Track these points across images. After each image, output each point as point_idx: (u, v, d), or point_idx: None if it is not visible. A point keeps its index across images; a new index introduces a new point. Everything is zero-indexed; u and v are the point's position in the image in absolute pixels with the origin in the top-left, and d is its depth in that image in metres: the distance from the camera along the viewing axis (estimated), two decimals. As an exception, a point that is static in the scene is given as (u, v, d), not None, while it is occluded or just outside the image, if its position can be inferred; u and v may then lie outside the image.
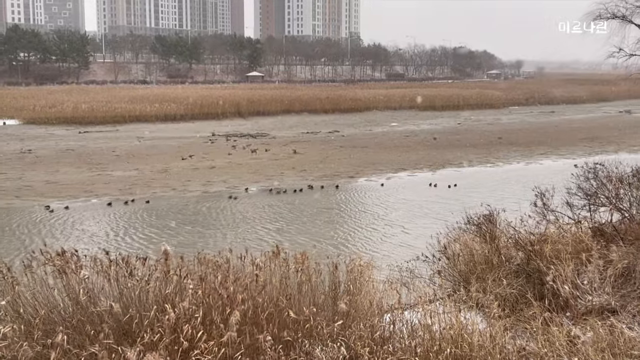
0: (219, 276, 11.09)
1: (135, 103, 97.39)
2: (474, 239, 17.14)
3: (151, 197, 38.91)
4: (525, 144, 67.34)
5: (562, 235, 16.21)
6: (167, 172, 48.66)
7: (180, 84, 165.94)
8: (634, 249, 14.68)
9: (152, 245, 27.60)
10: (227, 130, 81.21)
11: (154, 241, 28.79)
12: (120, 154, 59.32)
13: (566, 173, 20.63)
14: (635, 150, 58.39)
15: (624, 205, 17.95)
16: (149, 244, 28.46)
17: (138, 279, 10.93)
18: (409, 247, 25.26)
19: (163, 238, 28.95)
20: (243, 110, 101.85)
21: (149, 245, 28.15)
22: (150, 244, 28.27)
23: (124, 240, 29.75)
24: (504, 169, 52.12)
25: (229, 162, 54.19)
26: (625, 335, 10.13)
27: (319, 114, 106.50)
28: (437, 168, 51.53)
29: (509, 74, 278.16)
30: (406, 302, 12.32)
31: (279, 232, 31.23)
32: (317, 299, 11.54)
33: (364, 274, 12.71)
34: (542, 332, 10.57)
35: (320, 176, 47.00)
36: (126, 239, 29.85)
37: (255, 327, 10.14)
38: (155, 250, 14.35)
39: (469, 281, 14.69)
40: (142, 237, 30.29)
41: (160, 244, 12.03)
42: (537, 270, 14.48)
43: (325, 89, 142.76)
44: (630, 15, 19.72)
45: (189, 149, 62.49)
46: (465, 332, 10.16)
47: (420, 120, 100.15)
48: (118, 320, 10.19)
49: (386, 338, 10.42)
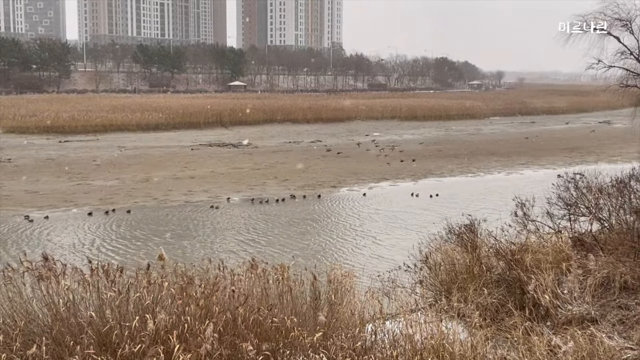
0: (199, 287, 11.02)
1: (116, 112, 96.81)
2: (455, 249, 17.21)
3: (132, 207, 38.66)
4: (506, 154, 67.75)
5: (542, 245, 16.32)
6: (148, 182, 48.38)
7: (162, 93, 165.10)
8: (614, 258, 14.80)
9: (132, 256, 27.40)
10: (209, 140, 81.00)
11: (135, 251, 28.59)
12: (101, 163, 58.92)
13: (547, 183, 20.79)
14: (614, 160, 58.93)
15: (604, 215, 18.12)
16: (130, 254, 28.24)
17: (118, 289, 10.83)
18: (392, 257, 25.28)
19: (144, 248, 28.76)
20: (225, 119, 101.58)
21: (129, 255, 27.93)
22: (131, 254, 28.05)
23: (104, 250, 29.47)
24: (485, 178, 52.40)
25: (211, 172, 54.00)
26: (605, 345, 10.19)
27: (302, 123, 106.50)
28: (418, 178, 51.67)
29: (490, 84, 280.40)
30: (388, 311, 12.33)
31: (260, 243, 31.13)
32: (299, 309, 11.50)
33: (345, 284, 12.70)
34: (523, 342, 10.61)
35: (302, 186, 46.96)
36: (106, 249, 29.58)
37: (236, 338, 10.08)
38: (136, 261, 14.25)
39: (451, 291, 14.74)
40: (122, 247, 30.03)
41: (140, 254, 11.97)
42: (517, 279, 14.56)
43: (307, 99, 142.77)
44: (609, 28, 19.93)
45: (171, 158, 62.23)
46: (447, 342, 10.17)
47: (402, 130, 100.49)
48: (98, 330, 10.09)
49: (368, 348, 10.40)
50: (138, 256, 26.53)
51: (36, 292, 11.07)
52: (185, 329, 9.89)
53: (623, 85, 20.48)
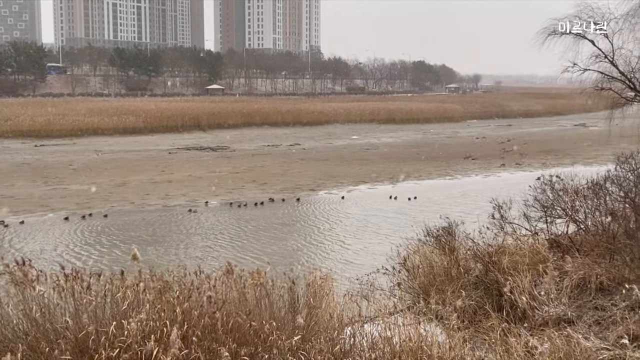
0: (176, 291, 10.95)
1: (93, 116, 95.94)
2: (433, 251, 17.27)
3: (109, 211, 38.35)
4: (484, 156, 68.21)
5: (519, 247, 16.44)
6: (125, 186, 48.04)
7: (139, 97, 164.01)
8: (590, 260, 14.94)
9: (109, 261, 27.17)
10: (187, 144, 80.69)
11: (112, 256, 28.35)
12: (77, 167, 58.40)
13: (524, 185, 20.94)
14: (590, 162, 59.57)
15: (580, 217, 18.29)
16: (107, 259, 27.99)
17: (94, 294, 10.72)
18: (372, 260, 25.31)
19: (121, 253, 28.52)
20: (203, 123, 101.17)
21: (106, 260, 27.68)
22: (108, 259, 27.81)
23: (81, 255, 29.20)
24: (463, 181, 52.72)
25: (189, 176, 53.75)
26: (581, 346, 10.28)
27: (280, 126, 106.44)
28: (397, 181, 51.85)
29: (467, 87, 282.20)
30: (366, 314, 12.33)
31: (238, 247, 31.03)
32: (277, 313, 11.46)
33: (324, 287, 12.68)
34: (500, 343, 10.67)
35: (281, 189, 46.91)
36: (83, 254, 29.31)
37: (213, 343, 10.02)
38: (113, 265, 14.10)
39: (429, 293, 14.79)
40: (99, 252, 29.77)
41: (117, 259, 11.87)
42: (495, 281, 14.65)
43: (286, 102, 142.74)
44: (584, 32, 20.15)
45: (148, 162, 61.86)
46: (425, 344, 10.19)
47: (381, 133, 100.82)
48: (74, 336, 9.98)
49: (346, 351, 10.39)
50: (115, 261, 26.31)
51: (10, 298, 10.93)
52: (163, 333, 9.82)
53: (598, 88, 20.70)
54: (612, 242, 15.65)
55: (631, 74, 19.56)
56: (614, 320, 11.78)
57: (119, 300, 10.62)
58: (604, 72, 20.24)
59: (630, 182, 18.91)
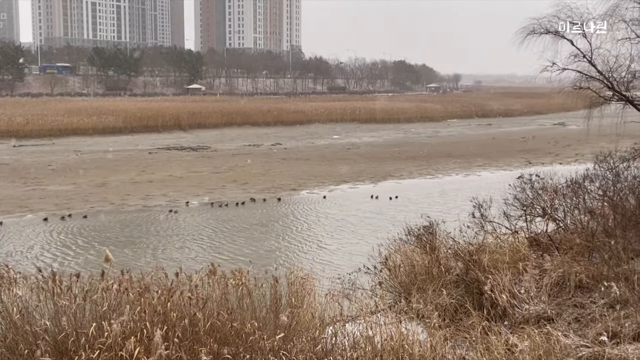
0: (157, 292, 10.88)
1: (72, 116, 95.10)
2: (414, 250, 17.31)
3: (89, 212, 38.06)
4: (464, 156, 68.55)
5: (499, 245, 16.53)
6: (105, 186, 47.70)
7: (119, 97, 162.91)
8: (569, 258, 15.06)
9: (88, 262, 26.95)
10: (167, 143, 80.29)
11: (90, 257, 28.13)
12: (56, 168, 57.88)
13: (504, 184, 21.09)
14: (569, 161, 60.04)
15: (559, 216, 18.44)
16: (85, 260, 27.78)
17: (73, 295, 10.63)
18: (352, 259, 25.33)
19: (99, 255, 28.27)
20: (184, 122, 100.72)
21: (86, 261, 27.47)
22: (87, 260, 27.59)
23: (60, 256, 28.95)
24: (444, 180, 52.95)
25: (170, 176, 53.48)
26: (561, 343, 10.36)
27: (261, 126, 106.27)
28: (378, 180, 51.97)
29: (447, 87, 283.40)
30: (348, 314, 12.34)
31: (219, 247, 30.94)
32: (259, 313, 11.43)
33: (305, 287, 12.68)
34: (481, 341, 10.71)
35: (262, 189, 46.82)
36: (62, 256, 29.06)
37: (195, 343, 9.97)
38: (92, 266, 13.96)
39: (410, 292, 14.83)
40: (77, 253, 29.52)
41: (96, 260, 11.78)
42: (475, 280, 14.71)
43: (267, 102, 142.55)
44: (563, 31, 20.28)
45: (128, 162, 61.47)
46: (407, 343, 10.21)
47: (362, 132, 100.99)
48: (54, 338, 9.90)
49: (328, 351, 10.38)
50: (93, 262, 26.09)
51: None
52: (143, 334, 9.76)
53: (577, 88, 20.83)
54: (591, 240, 15.80)
55: (609, 74, 19.72)
56: (592, 317, 11.89)
57: (98, 301, 10.54)
58: (582, 71, 20.37)
59: (609, 181, 19.12)
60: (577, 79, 20.77)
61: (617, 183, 18.95)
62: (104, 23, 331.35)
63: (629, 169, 19.74)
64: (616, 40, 19.81)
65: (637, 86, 21.11)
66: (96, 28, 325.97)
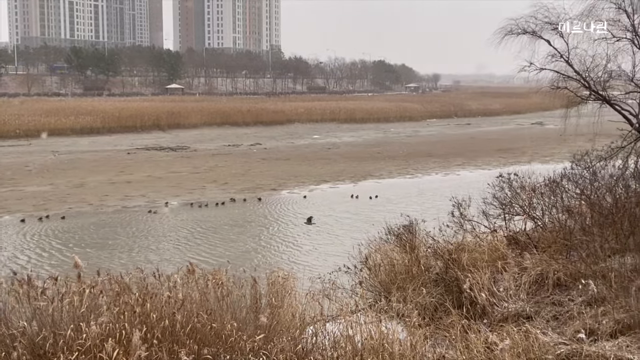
0: (135, 293, 10.81)
1: (49, 116, 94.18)
2: (394, 249, 17.37)
3: (67, 213, 37.71)
4: (443, 155, 68.88)
5: (478, 244, 16.61)
6: (83, 187, 47.31)
7: (97, 97, 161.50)
8: (547, 256, 15.16)
9: (65, 264, 26.67)
10: (146, 144, 79.84)
11: (68, 259, 27.82)
12: (33, 168, 57.29)
13: (482, 183, 21.20)
14: (547, 160, 60.54)
15: (537, 214, 18.57)
16: (64, 262, 27.49)
17: (50, 297, 10.52)
18: (332, 259, 25.33)
19: (79, 255, 28.01)
20: (163, 123, 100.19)
21: (63, 263, 27.20)
22: (65, 262, 27.31)
23: (38, 258, 28.67)
24: (423, 179, 53.17)
25: (149, 176, 53.17)
26: (539, 340, 10.43)
27: (241, 126, 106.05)
28: (358, 180, 52.05)
29: (426, 87, 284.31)
30: (328, 313, 12.34)
31: (199, 247, 30.82)
32: (239, 314, 11.40)
33: (285, 287, 12.66)
34: (460, 340, 10.76)
35: (242, 189, 46.70)
36: (40, 257, 28.78)
37: (174, 344, 9.92)
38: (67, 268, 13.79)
39: (390, 291, 14.86)
40: (56, 254, 29.25)
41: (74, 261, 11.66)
42: (455, 278, 14.78)
43: (246, 102, 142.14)
44: (540, 31, 20.44)
45: (106, 162, 61.02)
46: (387, 342, 10.23)
47: (342, 132, 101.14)
48: (32, 340, 9.81)
49: (309, 350, 10.39)
50: (71, 264, 25.83)
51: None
52: (122, 336, 9.69)
53: (554, 87, 20.99)
54: (569, 239, 15.92)
55: (586, 73, 19.91)
56: (571, 315, 11.98)
57: (76, 303, 10.45)
58: (559, 71, 20.56)
59: (586, 180, 19.27)
60: (554, 79, 20.95)
61: (594, 182, 19.11)
62: (82, 22, 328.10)
63: (605, 168, 19.92)
64: (593, 40, 20.02)
65: (614, 85, 21.33)
66: (74, 27, 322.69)
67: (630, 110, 19.49)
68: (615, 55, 19.99)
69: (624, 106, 19.66)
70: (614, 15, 19.33)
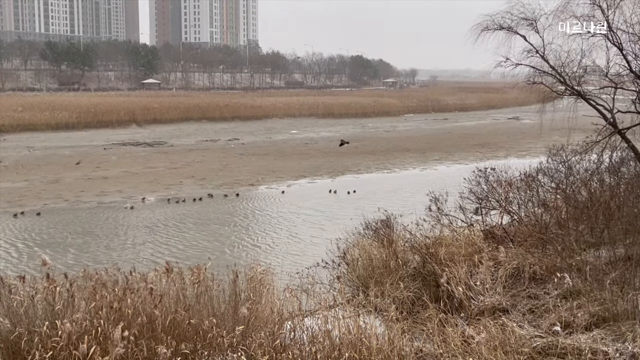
0: (111, 290, 10.75)
1: (24, 111, 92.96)
2: (372, 244, 17.44)
3: (42, 209, 37.32)
4: (421, 150, 69.15)
5: (455, 238, 16.74)
6: (59, 183, 46.83)
7: (72, 92, 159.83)
8: (523, 250, 15.32)
9: (39, 259, 26.39)
10: (122, 139, 79.19)
11: (46, 255, 27.55)
12: (8, 164, 56.56)
13: (459, 178, 21.34)
14: (523, 155, 60.99)
15: (513, 208, 18.75)
16: (38, 258, 27.19)
17: (23, 295, 10.43)
18: (312, 255, 25.36)
19: (53, 252, 27.80)
20: (139, 118, 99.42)
21: (36, 260, 26.88)
22: (38, 259, 27.02)
23: (12, 255, 28.31)
24: (401, 174, 53.33)
25: (125, 172, 52.75)
26: (516, 334, 10.54)
27: (218, 121, 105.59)
28: (336, 175, 52.09)
29: (404, 82, 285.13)
30: (307, 308, 12.36)
31: (176, 244, 30.65)
32: (217, 309, 11.39)
33: (264, 282, 12.66)
34: (438, 333, 10.84)
35: (220, 184, 46.52)
36: (14, 255, 28.43)
37: (152, 340, 9.88)
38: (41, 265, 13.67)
39: (368, 285, 14.92)
40: (31, 251, 28.89)
41: (50, 258, 11.57)
42: (432, 272, 14.88)
43: (224, 97, 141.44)
44: (516, 27, 20.57)
45: (82, 158, 60.43)
46: (365, 337, 10.27)
47: (320, 127, 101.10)
48: (6, 338, 9.72)
49: (287, 345, 10.39)
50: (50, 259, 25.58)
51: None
52: (98, 333, 9.63)
53: (530, 83, 21.14)
54: (545, 232, 16.09)
55: (561, 69, 20.08)
56: (546, 308, 12.11)
57: (51, 300, 10.36)
58: (535, 66, 20.69)
59: (561, 174, 19.50)
60: (530, 74, 21.11)
61: (570, 176, 19.33)
62: (57, 17, 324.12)
63: (580, 162, 20.16)
64: (568, 36, 20.18)
65: (589, 80, 21.55)
66: (48, 22, 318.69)
67: (605, 105, 19.69)
68: (590, 50, 20.18)
69: (598, 101, 19.85)
70: (588, 11, 19.48)
